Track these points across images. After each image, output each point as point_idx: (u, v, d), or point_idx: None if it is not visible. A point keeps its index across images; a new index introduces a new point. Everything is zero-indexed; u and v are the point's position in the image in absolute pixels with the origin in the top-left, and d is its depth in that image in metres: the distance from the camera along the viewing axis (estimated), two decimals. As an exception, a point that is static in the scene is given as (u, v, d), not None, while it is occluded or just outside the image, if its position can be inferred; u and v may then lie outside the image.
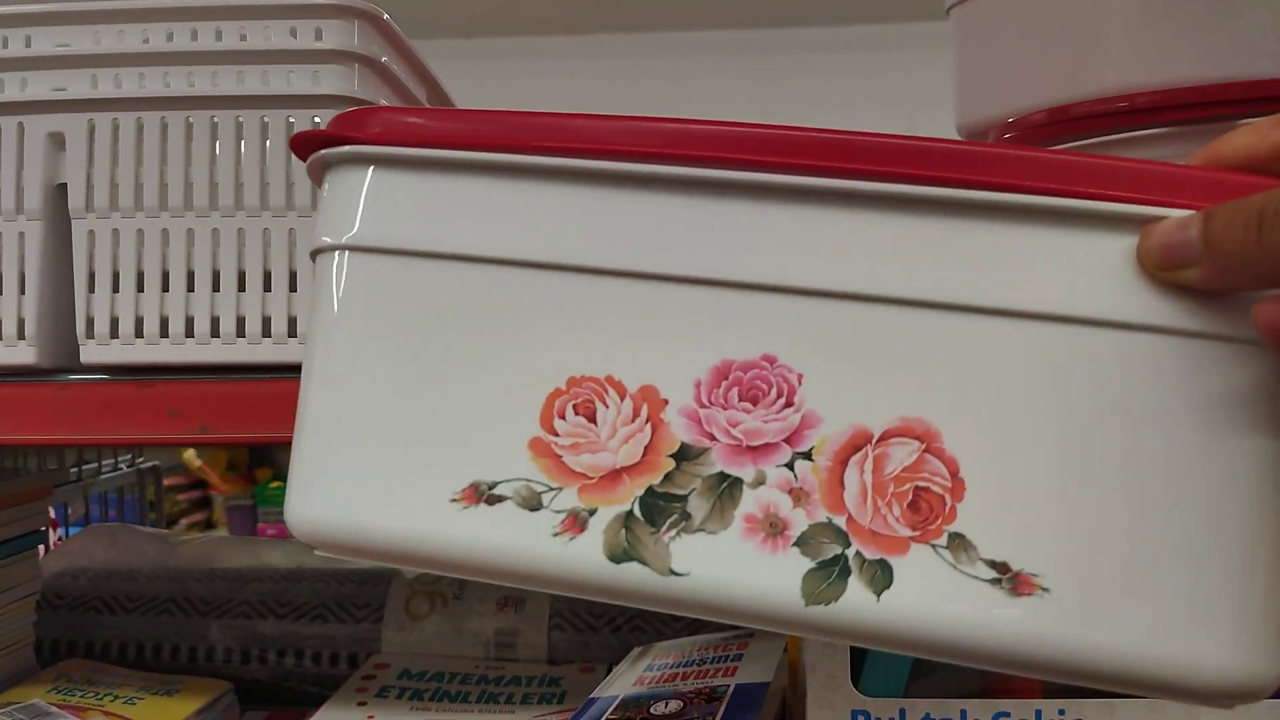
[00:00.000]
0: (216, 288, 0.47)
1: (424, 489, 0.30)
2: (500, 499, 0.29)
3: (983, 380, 0.28)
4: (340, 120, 0.32)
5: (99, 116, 0.47)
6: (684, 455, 0.29)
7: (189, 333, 0.47)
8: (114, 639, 0.67)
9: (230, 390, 0.45)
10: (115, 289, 0.47)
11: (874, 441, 0.28)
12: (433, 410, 0.30)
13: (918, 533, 0.28)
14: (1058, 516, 0.27)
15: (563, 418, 0.30)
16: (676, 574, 0.28)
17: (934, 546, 0.27)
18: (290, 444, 0.32)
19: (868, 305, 0.29)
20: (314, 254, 0.32)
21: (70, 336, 0.48)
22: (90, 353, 0.48)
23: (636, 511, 0.29)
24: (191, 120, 0.47)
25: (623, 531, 0.29)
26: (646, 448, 0.29)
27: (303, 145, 0.33)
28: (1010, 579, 0.27)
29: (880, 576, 0.28)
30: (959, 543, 0.27)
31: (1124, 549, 0.27)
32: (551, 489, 0.29)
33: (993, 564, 0.27)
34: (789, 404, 0.29)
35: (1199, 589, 0.27)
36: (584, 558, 0.29)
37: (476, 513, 0.29)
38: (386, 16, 0.48)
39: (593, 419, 0.29)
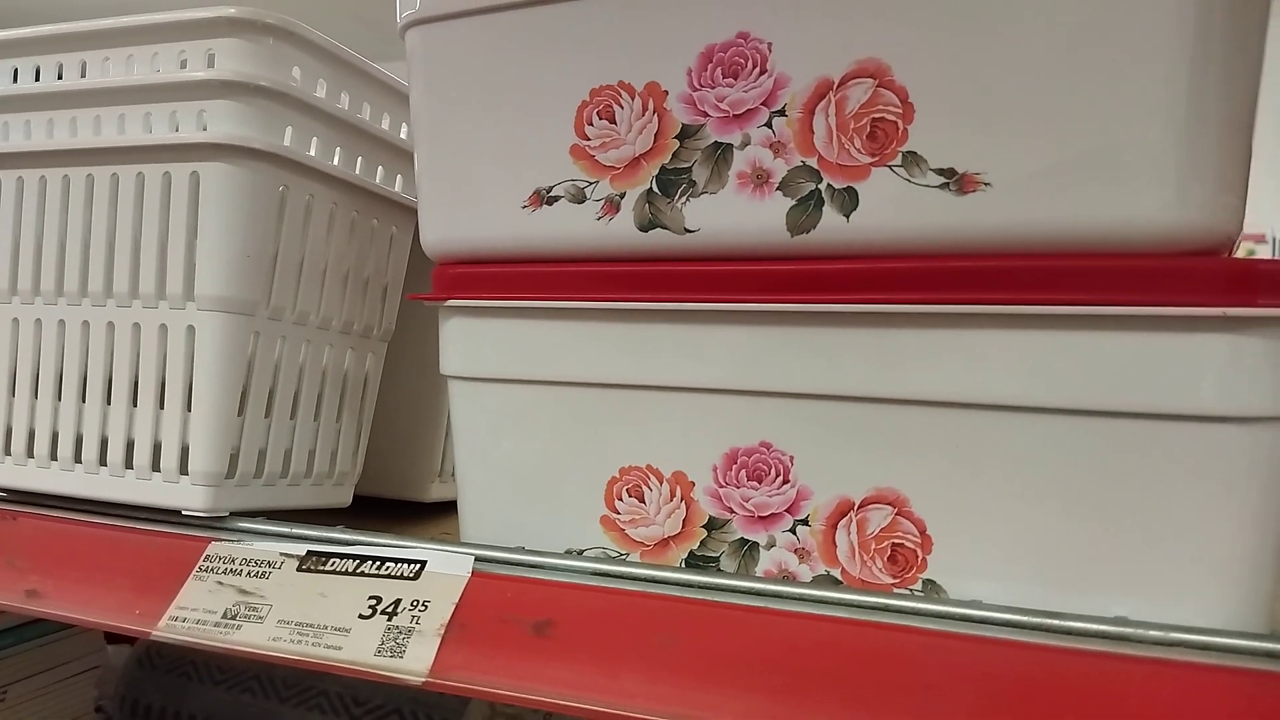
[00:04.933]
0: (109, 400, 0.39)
1: (504, 204, 0.38)
2: (556, 198, 0.37)
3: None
4: None
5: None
6: (685, 135, 0.35)
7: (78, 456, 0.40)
8: (197, 711, 0.66)
9: (75, 536, 0.36)
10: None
11: (835, 87, 0.32)
12: (501, 147, 0.38)
13: (875, 158, 0.32)
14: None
15: (591, 124, 0.36)
16: (690, 231, 0.35)
17: (890, 167, 0.32)
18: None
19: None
20: (404, 30, 0.40)
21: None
22: None
23: (655, 188, 0.35)
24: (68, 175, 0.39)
25: (646, 205, 0.35)
26: (656, 135, 0.35)
27: None
28: (957, 180, 0.31)
29: (848, 200, 0.32)
30: (912, 159, 0.31)
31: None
32: (591, 182, 0.36)
33: (941, 171, 0.31)
34: (764, 72, 0.33)
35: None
36: (620, 231, 0.36)
37: (541, 212, 0.37)
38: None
39: (613, 120, 0.36)
